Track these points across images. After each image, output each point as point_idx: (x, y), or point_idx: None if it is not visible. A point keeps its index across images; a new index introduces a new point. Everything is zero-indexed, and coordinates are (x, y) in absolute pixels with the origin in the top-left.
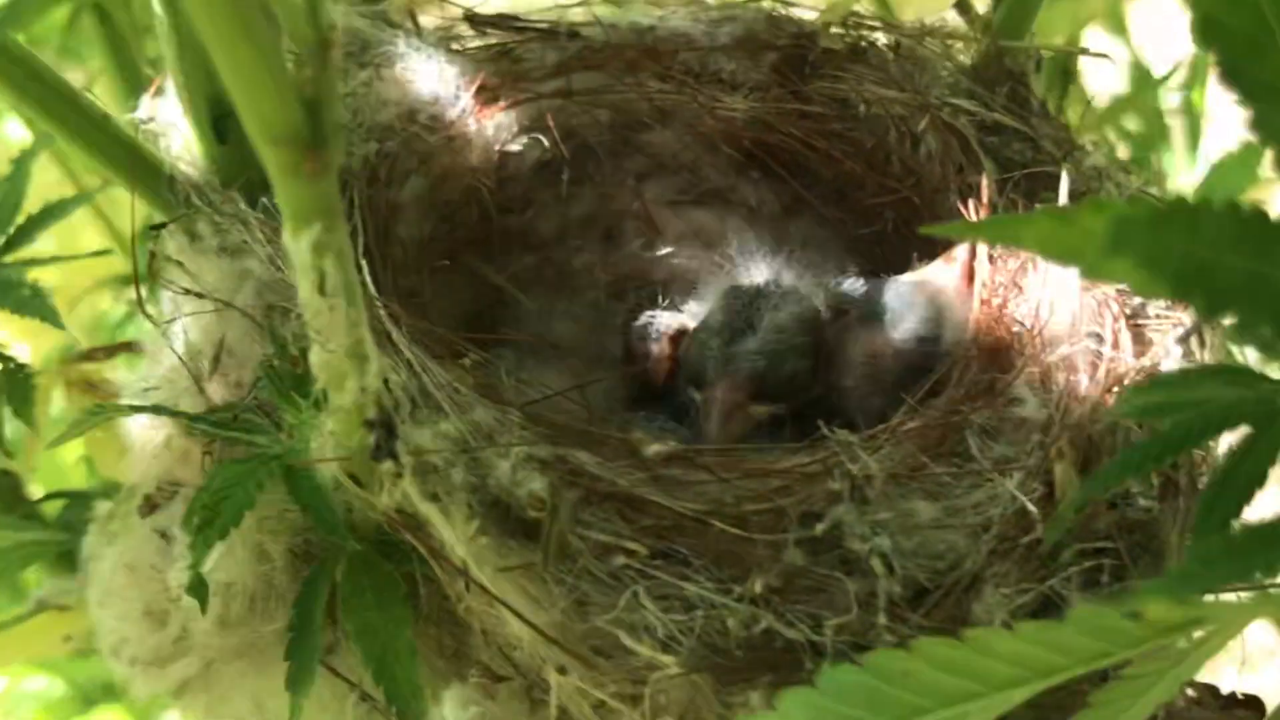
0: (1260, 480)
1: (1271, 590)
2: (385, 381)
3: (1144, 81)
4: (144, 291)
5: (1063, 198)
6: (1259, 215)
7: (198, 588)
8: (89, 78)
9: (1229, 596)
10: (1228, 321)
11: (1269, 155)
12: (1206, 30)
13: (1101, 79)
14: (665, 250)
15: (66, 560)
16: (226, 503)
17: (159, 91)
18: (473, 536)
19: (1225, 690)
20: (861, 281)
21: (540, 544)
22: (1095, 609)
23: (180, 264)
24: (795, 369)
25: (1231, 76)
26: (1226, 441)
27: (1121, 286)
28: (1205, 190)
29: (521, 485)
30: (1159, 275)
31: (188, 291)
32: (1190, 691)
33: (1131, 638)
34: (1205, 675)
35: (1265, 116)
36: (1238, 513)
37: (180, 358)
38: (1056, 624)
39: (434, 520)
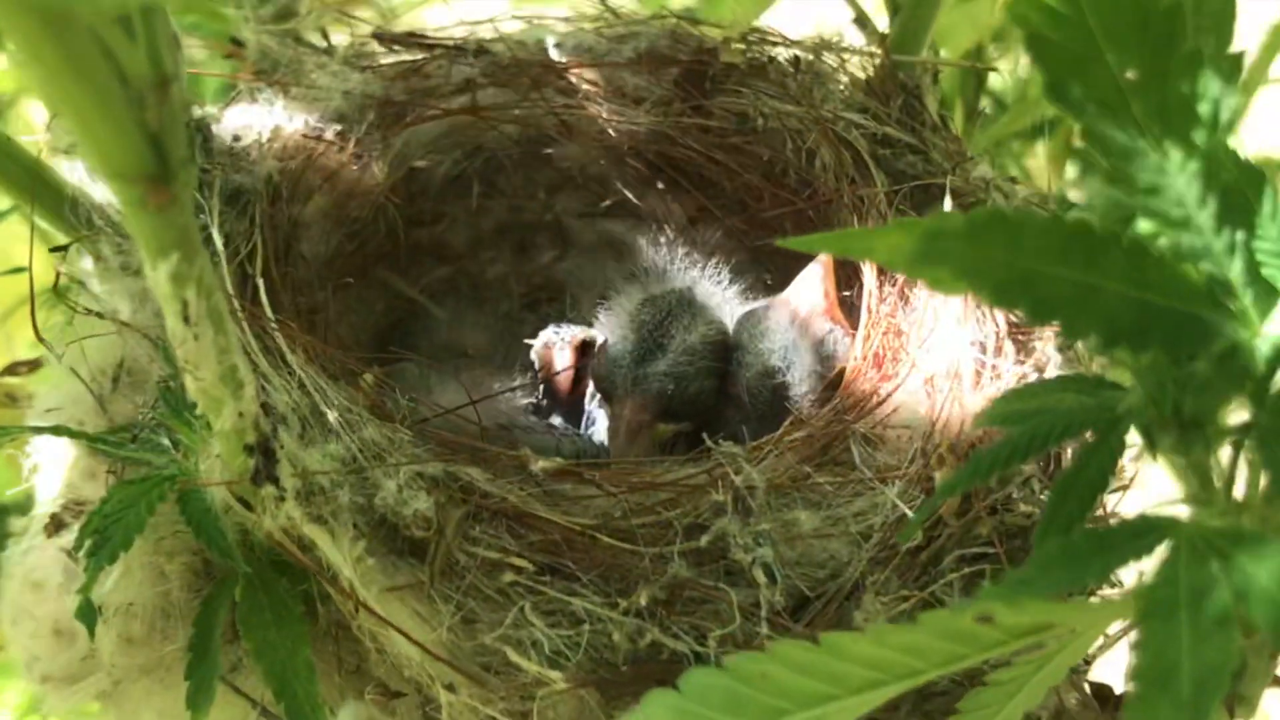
0: (1102, 484)
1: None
2: (264, 405)
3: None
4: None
5: (946, 209)
6: (1083, 227)
7: (86, 613)
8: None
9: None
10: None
11: (1102, 167)
12: (1035, 46)
13: None
14: (577, 261)
15: None
16: (117, 526)
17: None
18: (359, 557)
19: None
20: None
21: (427, 562)
22: (946, 613)
23: (84, 285)
24: (701, 388)
25: (1058, 92)
26: None
27: None
28: None
29: (408, 504)
30: (980, 283)
31: (89, 311)
32: (1077, 694)
33: (984, 641)
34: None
35: (1098, 129)
36: (1080, 517)
37: (80, 378)
38: (909, 627)
39: (320, 542)
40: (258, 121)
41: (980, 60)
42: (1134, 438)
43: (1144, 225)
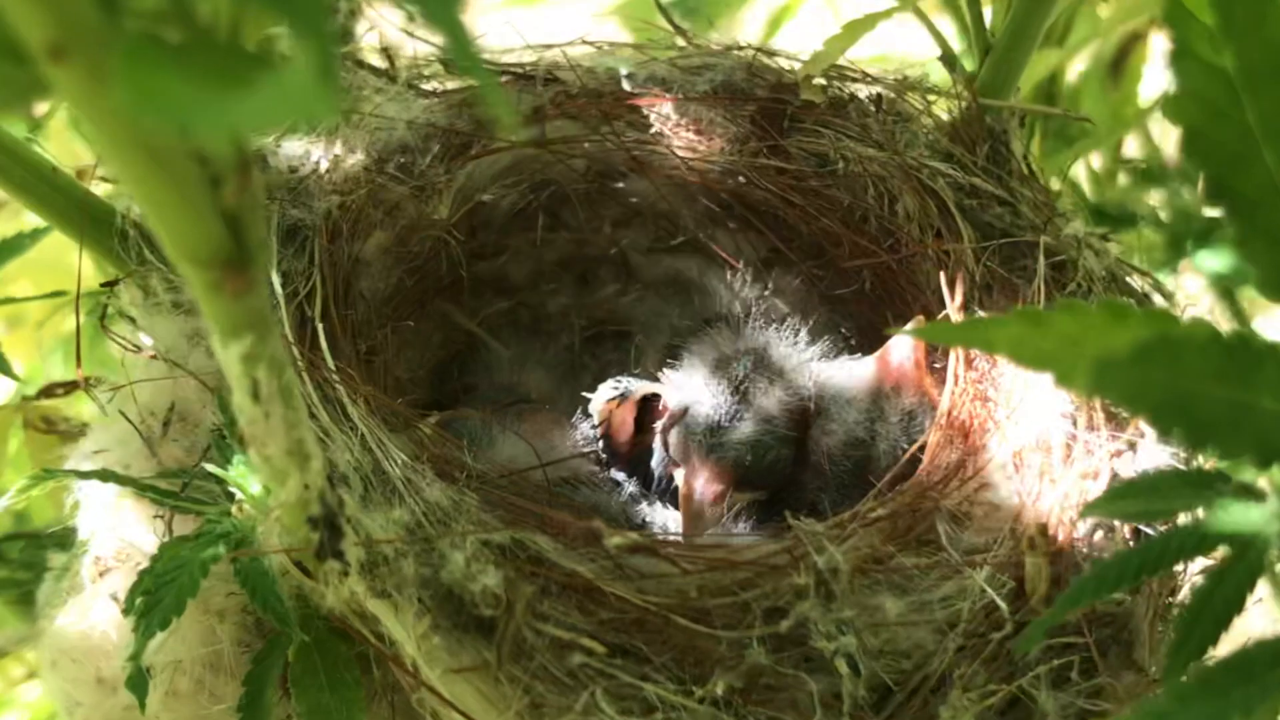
0: (1239, 605)
1: None
2: (330, 478)
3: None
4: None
5: (1040, 272)
6: (1241, 343)
7: (136, 681)
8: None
9: None
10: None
11: (1253, 274)
12: (1193, 144)
13: None
14: (641, 295)
15: (27, 600)
16: (169, 587)
17: None
18: (423, 635)
19: None
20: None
21: (495, 642)
22: None
23: (134, 320)
24: (779, 457)
25: (1216, 191)
26: None
27: None
28: None
29: (476, 580)
30: (1141, 407)
31: (138, 349)
32: None
33: None
34: None
35: (1249, 230)
36: (1215, 638)
37: (130, 421)
38: None
39: (384, 618)
40: (316, 152)
41: (1052, 91)
42: None
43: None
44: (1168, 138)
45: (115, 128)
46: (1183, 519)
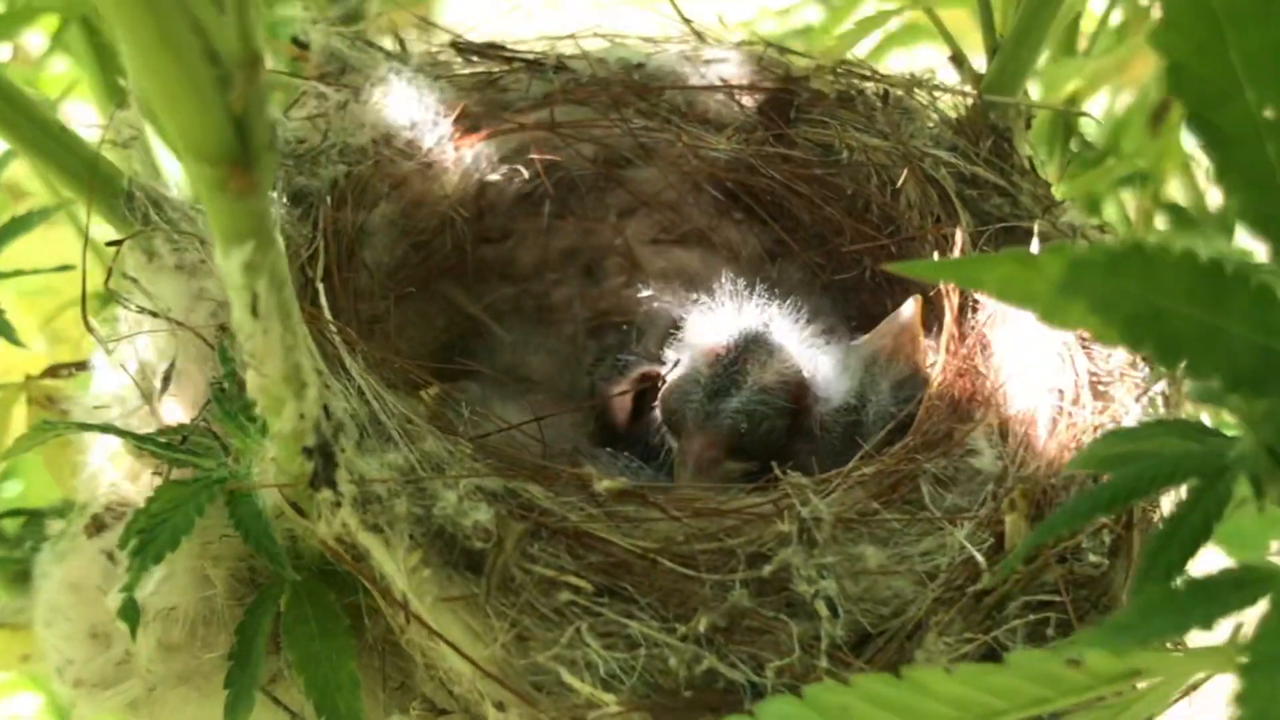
0: (1206, 533)
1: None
2: (325, 408)
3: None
4: (104, 306)
5: (1034, 251)
6: (1215, 266)
7: (128, 611)
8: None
9: None
10: (1179, 370)
11: (1232, 203)
12: (1176, 77)
13: None
14: (646, 288)
15: (24, 578)
16: (164, 526)
17: (125, 105)
18: (414, 568)
19: None
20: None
21: (483, 575)
22: (1036, 654)
23: (137, 281)
24: (773, 427)
25: (1198, 124)
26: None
27: (1085, 341)
28: None
29: (467, 516)
30: (1112, 320)
31: (142, 310)
32: None
33: (1071, 685)
34: None
35: (1227, 165)
36: (1182, 565)
37: (131, 376)
38: (996, 667)
39: (374, 551)
40: (323, 124)
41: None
42: None
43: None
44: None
45: (135, 11)
46: None
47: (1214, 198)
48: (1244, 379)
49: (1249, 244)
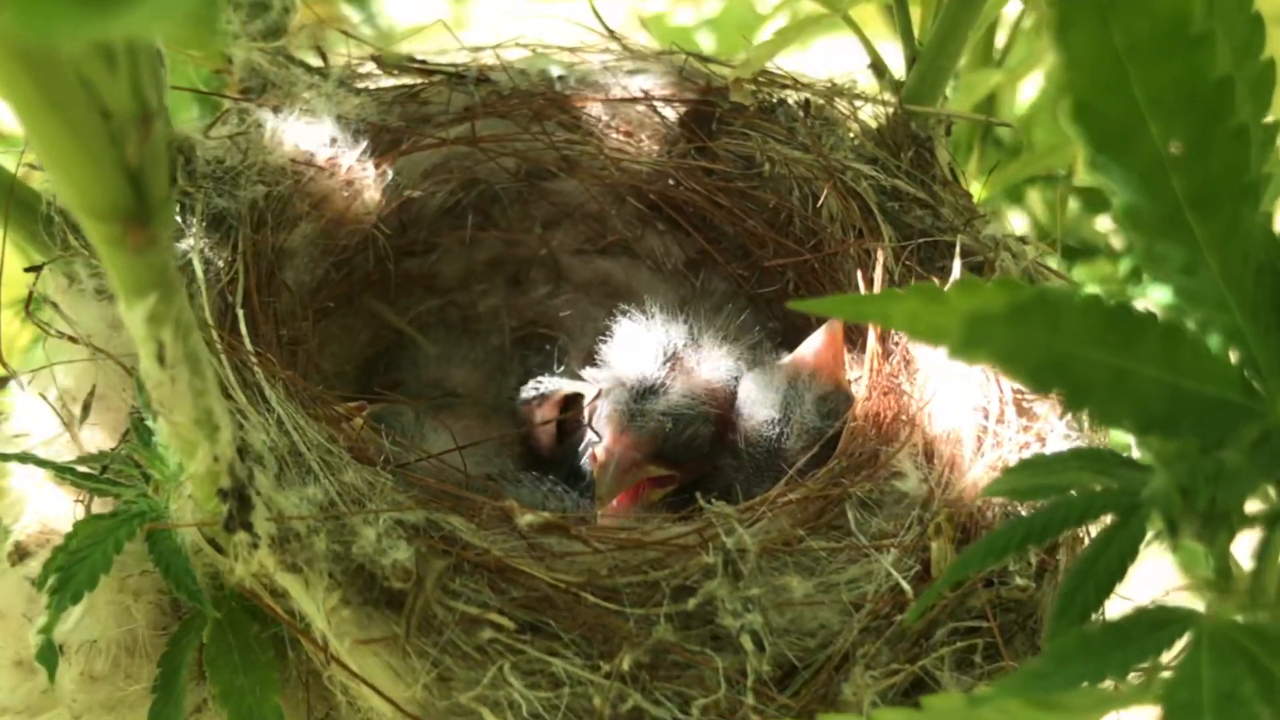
0: (1121, 571)
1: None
2: (240, 450)
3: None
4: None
5: (956, 270)
6: (1123, 309)
7: (47, 654)
8: None
9: None
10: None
11: (1137, 244)
12: (1079, 114)
13: None
14: (571, 298)
15: None
16: (82, 564)
17: None
18: (333, 608)
19: None
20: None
21: (403, 614)
22: (958, 700)
23: (57, 306)
24: (697, 433)
25: (1101, 163)
26: None
27: None
28: None
29: (386, 555)
30: (1018, 368)
31: (61, 335)
32: None
33: None
34: None
35: (1135, 204)
36: (1098, 604)
37: (50, 404)
38: (914, 713)
39: (293, 591)
40: (243, 143)
41: (991, 111)
42: None
43: (1176, 304)
44: None
45: (16, 72)
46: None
47: None
48: (1155, 421)
49: None
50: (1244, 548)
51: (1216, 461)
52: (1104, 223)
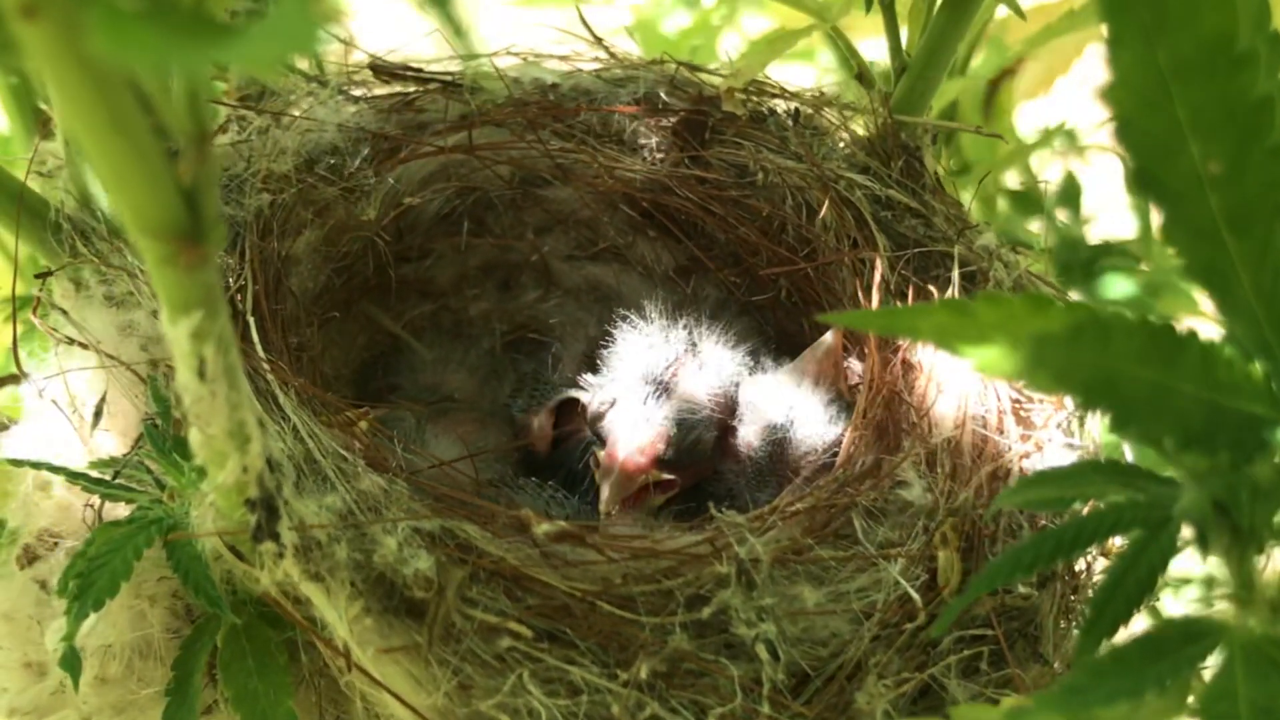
0: (1151, 585)
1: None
2: (269, 460)
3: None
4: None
5: (954, 281)
6: (1165, 329)
7: (70, 661)
8: None
9: None
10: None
11: (1179, 257)
12: (1124, 132)
13: None
14: (560, 302)
15: None
16: (102, 571)
17: (49, 134)
18: (355, 617)
19: None
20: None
21: (425, 624)
22: (987, 714)
23: (66, 313)
24: (700, 438)
25: (1144, 178)
26: None
27: None
28: None
29: (407, 564)
30: (1073, 387)
31: (71, 341)
32: None
33: None
34: None
35: (1173, 219)
36: (1128, 617)
37: (61, 409)
38: None
39: (316, 599)
40: (246, 151)
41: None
42: None
43: (1134, 293)
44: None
45: (82, 92)
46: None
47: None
48: (1194, 437)
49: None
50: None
51: (1250, 477)
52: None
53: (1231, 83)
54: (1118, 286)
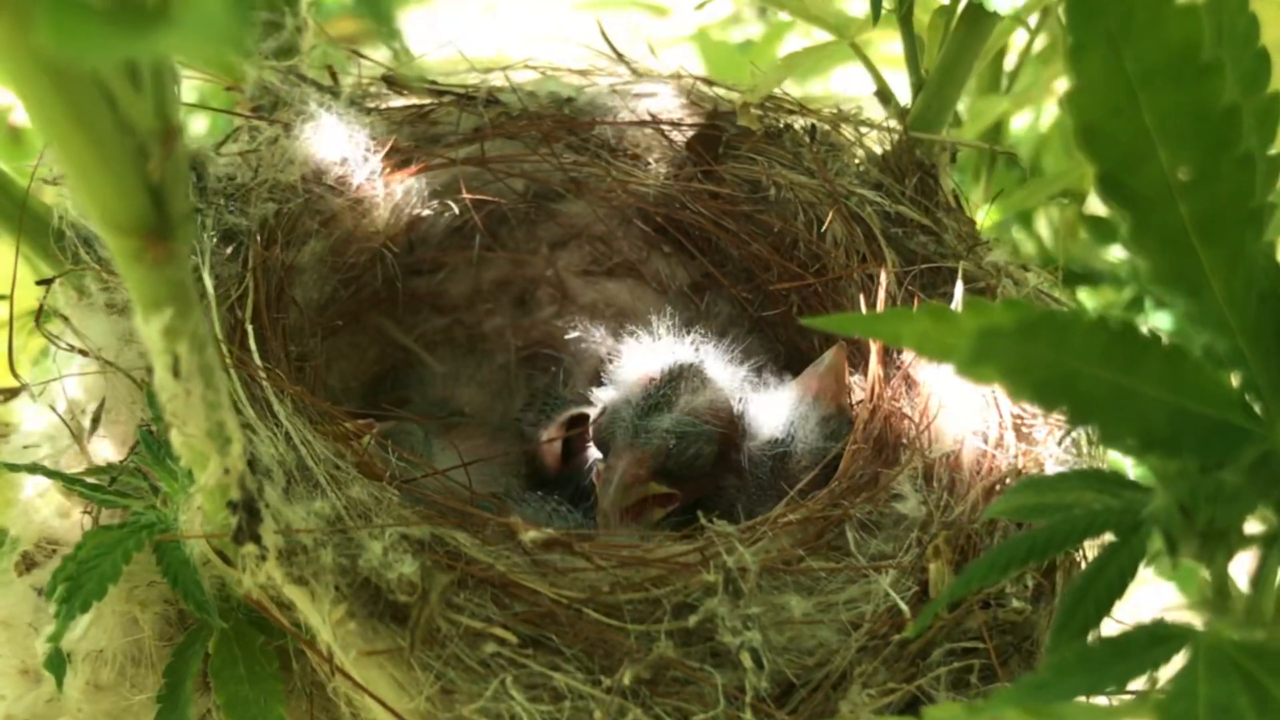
0: (1121, 588)
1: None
2: (251, 462)
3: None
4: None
5: (958, 295)
6: (1128, 328)
7: (55, 663)
8: None
9: None
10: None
11: (1145, 265)
12: (1089, 139)
13: None
14: (577, 321)
15: None
16: (91, 574)
17: None
18: (339, 620)
19: None
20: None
21: (408, 627)
22: (950, 711)
23: (67, 320)
24: (700, 451)
25: (1110, 185)
26: None
27: None
28: None
29: (392, 568)
30: (1023, 383)
31: (71, 348)
32: None
33: None
34: None
35: (1140, 226)
36: (1097, 620)
37: (60, 415)
38: None
39: (300, 603)
40: (255, 160)
41: (998, 138)
42: None
43: (1180, 326)
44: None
45: (41, 86)
46: None
47: None
48: (1157, 440)
49: None
50: (1239, 566)
51: (1216, 482)
52: (1116, 251)
53: (1200, 90)
54: (1162, 320)
